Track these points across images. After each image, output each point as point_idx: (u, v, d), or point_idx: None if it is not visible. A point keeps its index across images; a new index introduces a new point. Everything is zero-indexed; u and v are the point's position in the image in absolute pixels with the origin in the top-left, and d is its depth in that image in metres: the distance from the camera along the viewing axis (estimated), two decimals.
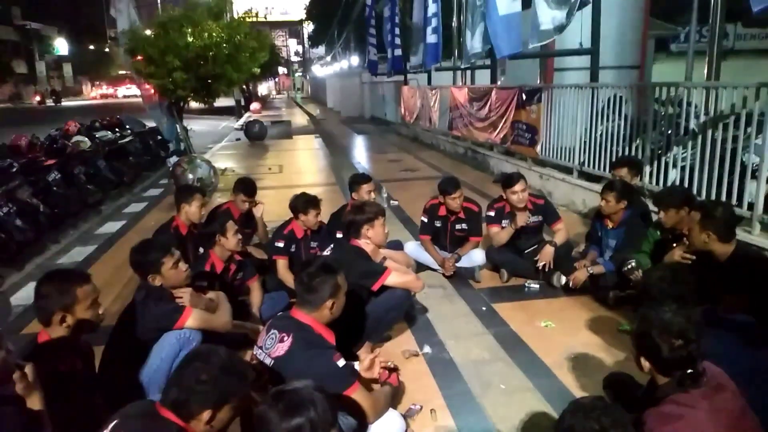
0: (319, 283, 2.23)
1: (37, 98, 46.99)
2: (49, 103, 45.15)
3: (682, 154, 5.22)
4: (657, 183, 5.27)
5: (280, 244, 4.09)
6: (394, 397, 2.72)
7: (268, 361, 2.20)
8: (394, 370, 3.18)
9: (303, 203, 4.12)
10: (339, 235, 4.14)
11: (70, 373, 2.11)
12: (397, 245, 4.85)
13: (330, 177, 9.86)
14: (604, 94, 6.24)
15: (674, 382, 1.82)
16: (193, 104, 13.70)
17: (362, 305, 3.16)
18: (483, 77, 11.62)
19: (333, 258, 2.43)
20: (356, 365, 2.69)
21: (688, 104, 4.97)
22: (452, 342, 3.57)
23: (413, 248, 4.75)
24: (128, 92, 50.64)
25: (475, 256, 4.60)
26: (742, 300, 2.91)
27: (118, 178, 9.49)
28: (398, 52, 13.74)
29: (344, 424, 2.34)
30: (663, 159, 5.18)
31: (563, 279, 4.24)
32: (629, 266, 3.73)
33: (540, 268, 4.28)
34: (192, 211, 4.07)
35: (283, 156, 13.19)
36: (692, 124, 4.92)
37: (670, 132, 5.15)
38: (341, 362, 2.20)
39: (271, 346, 2.22)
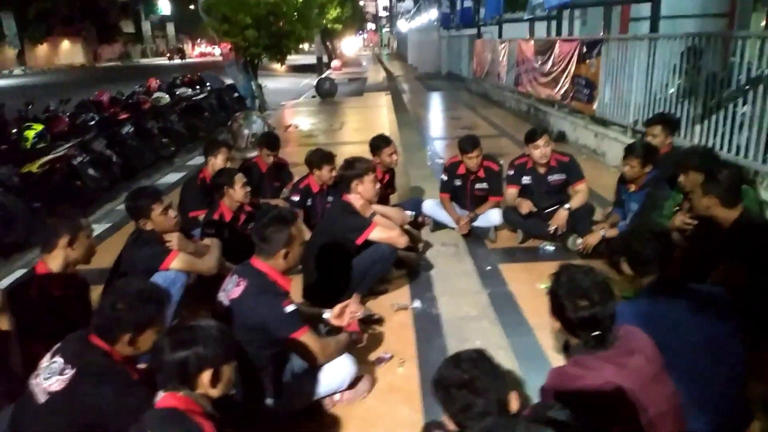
0: (272, 233, 2.38)
1: (168, 55, 53.79)
2: (176, 60, 50.57)
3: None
4: (729, 149, 4.60)
5: (296, 198, 4.28)
6: (362, 346, 2.86)
7: (226, 302, 2.40)
8: (377, 321, 3.35)
9: (318, 159, 4.26)
10: None
11: (65, 303, 2.44)
12: (417, 203, 4.92)
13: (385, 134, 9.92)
14: (665, 46, 5.74)
15: (582, 343, 1.81)
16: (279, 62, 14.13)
17: (349, 257, 3.30)
18: (554, 29, 10.98)
19: (288, 210, 2.55)
20: (326, 313, 2.86)
21: None
22: (445, 298, 3.63)
23: (431, 206, 4.78)
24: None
25: (491, 216, 4.55)
26: (738, 269, 2.74)
27: (191, 133, 10.12)
28: (468, 3, 13.23)
29: (296, 364, 2.54)
30: (734, 119, 4.56)
31: (579, 242, 4.11)
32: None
33: (552, 232, 4.17)
34: (217, 163, 4.35)
35: (348, 113, 13.37)
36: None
37: (747, 88, 4.43)
38: (290, 308, 2.35)
39: (230, 289, 2.42)
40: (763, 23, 9.08)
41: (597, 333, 1.76)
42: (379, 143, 4.56)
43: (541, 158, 4.29)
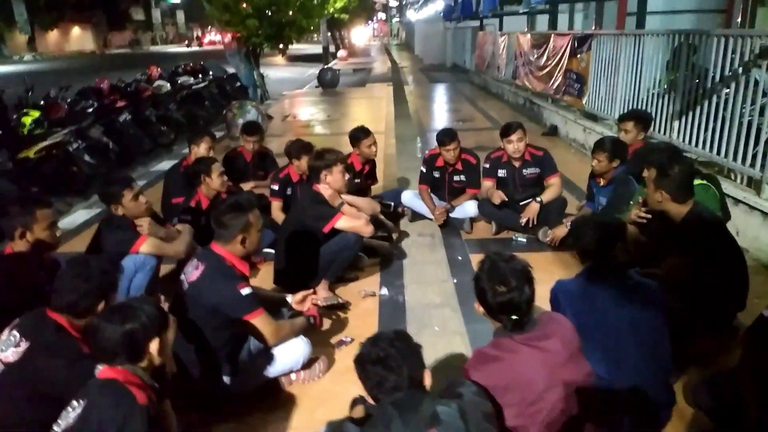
0: (229, 219, 2.49)
1: (186, 42, 56.35)
2: (194, 47, 52.40)
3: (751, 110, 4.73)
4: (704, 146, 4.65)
5: (275, 187, 4.39)
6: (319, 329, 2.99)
7: (185, 285, 2.53)
8: (343, 307, 3.48)
9: (297, 149, 4.36)
10: None
11: (33, 283, 2.57)
12: (396, 194, 5.03)
13: (380, 125, 10.00)
14: (652, 43, 5.77)
15: (502, 327, 1.92)
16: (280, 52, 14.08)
17: (317, 245, 3.41)
18: (558, 23, 10.95)
19: (245, 198, 2.66)
20: (289, 298, 2.98)
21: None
22: (413, 286, 3.75)
23: (410, 197, 4.89)
24: None
25: (468, 208, 4.65)
26: (682, 263, 2.83)
27: (191, 121, 10.23)
28: None
29: (253, 345, 2.67)
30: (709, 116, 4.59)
31: (550, 234, 4.21)
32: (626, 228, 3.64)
33: (523, 224, 4.27)
34: (200, 151, 4.46)
35: (348, 104, 13.45)
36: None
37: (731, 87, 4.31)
38: (245, 291, 2.47)
39: (190, 272, 2.54)
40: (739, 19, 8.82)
41: (515, 317, 1.87)
42: (358, 134, 4.66)
43: (515, 152, 4.38)
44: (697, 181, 3.44)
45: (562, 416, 1.82)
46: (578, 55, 7.45)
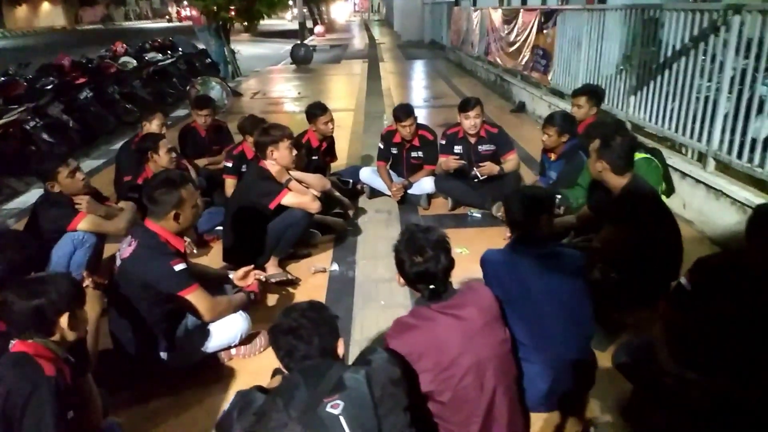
0: (160, 195, 2.46)
1: (167, 17, 55.84)
2: (175, 22, 50.84)
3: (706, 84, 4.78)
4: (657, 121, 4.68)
5: (229, 164, 4.33)
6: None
7: (119, 261, 2.51)
8: (293, 283, 3.49)
9: (250, 125, 4.30)
10: None
11: None
12: (354, 171, 5.03)
13: (351, 103, 9.93)
14: (613, 18, 5.77)
15: (421, 296, 1.95)
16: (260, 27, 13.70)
17: (264, 222, 3.40)
18: None
19: (177, 173, 2.63)
20: (231, 274, 2.98)
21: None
22: (364, 262, 3.78)
23: (368, 174, 4.88)
24: None
25: (424, 184, 4.67)
26: (616, 233, 2.89)
27: (158, 99, 10.01)
28: None
29: (191, 320, 2.67)
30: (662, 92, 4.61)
31: (503, 209, 4.24)
32: (555, 200, 3.69)
33: (473, 176, 4.36)
34: (152, 128, 4.39)
35: (321, 81, 13.29)
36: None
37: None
38: (179, 267, 2.45)
39: (123, 249, 2.52)
40: None
41: (432, 286, 1.90)
42: (314, 111, 4.61)
43: (471, 128, 4.39)
44: (641, 155, 3.50)
45: (476, 381, 1.87)
46: (544, 31, 7.44)
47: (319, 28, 28.35)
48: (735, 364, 1.88)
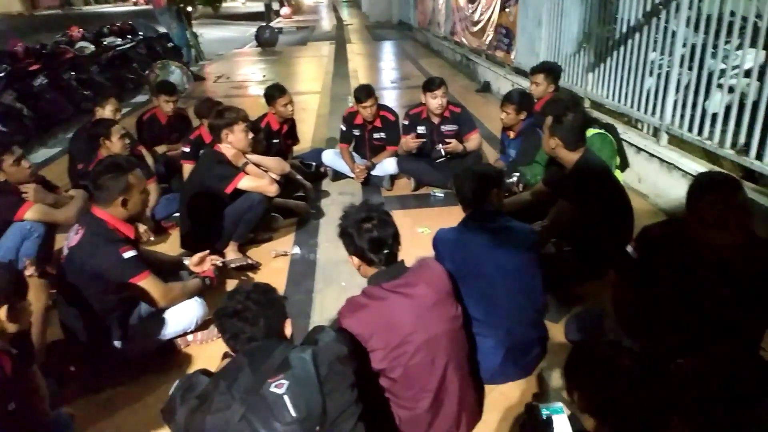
0: (106, 180, 2.40)
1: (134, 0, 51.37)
2: (141, 5, 48.28)
3: (659, 60, 4.86)
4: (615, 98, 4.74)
5: (187, 149, 4.25)
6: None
7: (66, 251, 2.44)
8: (253, 267, 3.46)
9: (207, 109, 4.22)
10: None
11: None
12: (317, 154, 4.99)
13: (316, 85, 9.81)
14: None
15: (376, 273, 1.96)
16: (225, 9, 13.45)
17: (221, 207, 3.36)
18: None
19: (124, 158, 2.57)
20: (186, 260, 2.94)
21: None
22: (326, 244, 3.77)
23: (331, 156, 4.85)
24: None
25: (387, 165, 4.66)
26: (567, 208, 2.93)
27: (117, 84, 9.71)
28: None
29: (144, 308, 2.63)
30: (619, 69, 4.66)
31: None
32: (513, 178, 3.73)
33: (436, 154, 4.40)
34: (105, 113, 4.27)
35: (287, 63, 13.09)
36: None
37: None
38: (128, 254, 2.40)
39: (71, 237, 2.46)
40: None
41: (386, 251, 1.91)
42: (272, 93, 4.54)
43: (437, 108, 4.38)
44: (594, 131, 3.55)
45: (427, 358, 1.89)
46: (507, 9, 7.45)
47: (285, 10, 27.83)
48: (675, 331, 1.94)
